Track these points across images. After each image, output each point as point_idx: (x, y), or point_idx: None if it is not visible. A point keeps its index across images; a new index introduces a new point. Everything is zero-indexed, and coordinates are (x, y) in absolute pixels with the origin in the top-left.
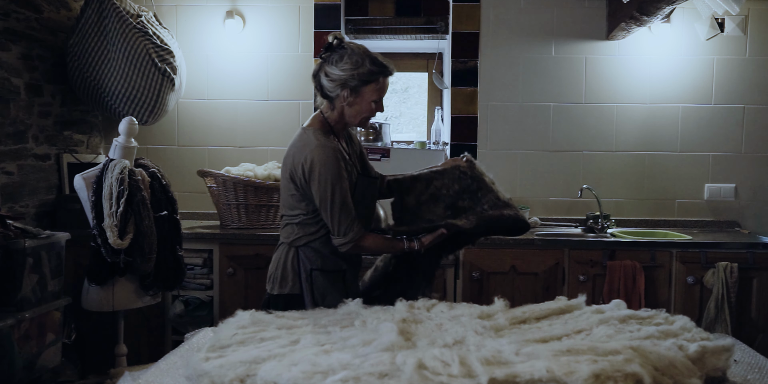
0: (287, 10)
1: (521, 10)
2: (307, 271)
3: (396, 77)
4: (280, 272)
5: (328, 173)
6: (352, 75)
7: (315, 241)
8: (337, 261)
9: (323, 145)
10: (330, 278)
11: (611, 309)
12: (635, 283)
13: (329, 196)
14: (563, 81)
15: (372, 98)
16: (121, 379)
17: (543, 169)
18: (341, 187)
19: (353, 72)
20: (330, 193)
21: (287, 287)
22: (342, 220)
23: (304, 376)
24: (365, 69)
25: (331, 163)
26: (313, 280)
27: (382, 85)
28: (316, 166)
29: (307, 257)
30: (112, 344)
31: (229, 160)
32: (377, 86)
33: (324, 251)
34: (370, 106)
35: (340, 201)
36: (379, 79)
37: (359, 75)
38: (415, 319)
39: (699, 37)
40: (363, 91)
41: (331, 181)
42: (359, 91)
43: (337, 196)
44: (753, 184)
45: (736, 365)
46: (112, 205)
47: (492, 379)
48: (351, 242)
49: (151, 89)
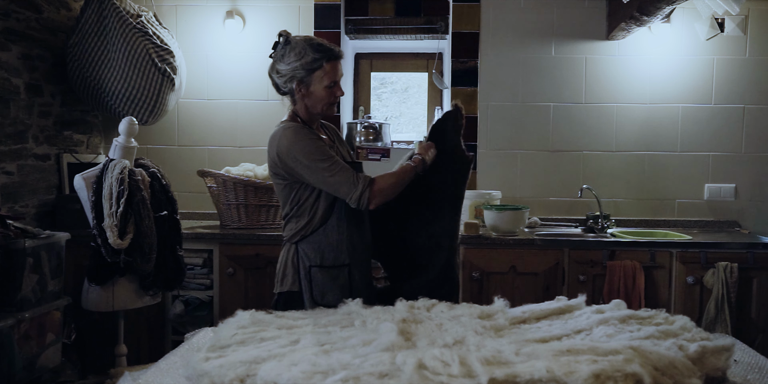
0: (287, 10)
1: (521, 10)
2: (306, 268)
3: (396, 77)
4: (282, 270)
5: (303, 145)
6: (296, 67)
7: (310, 235)
8: (338, 255)
9: (287, 126)
10: (331, 275)
11: (611, 309)
12: (635, 283)
13: (317, 165)
14: (563, 81)
15: (324, 84)
16: (121, 379)
17: (543, 169)
18: (321, 151)
19: (297, 63)
20: (315, 161)
21: (287, 285)
22: (343, 179)
23: (304, 376)
24: (308, 58)
25: (300, 136)
26: (311, 277)
27: (330, 70)
28: (288, 145)
29: (306, 254)
30: (112, 344)
31: (229, 160)
32: (324, 72)
33: (323, 244)
34: (325, 93)
35: (328, 164)
36: (324, 65)
37: (303, 65)
38: (415, 319)
39: (699, 37)
40: (312, 80)
41: (309, 150)
42: (308, 80)
43: (324, 161)
44: (753, 184)
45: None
46: (112, 205)
47: (492, 379)
48: (365, 190)
49: (151, 89)
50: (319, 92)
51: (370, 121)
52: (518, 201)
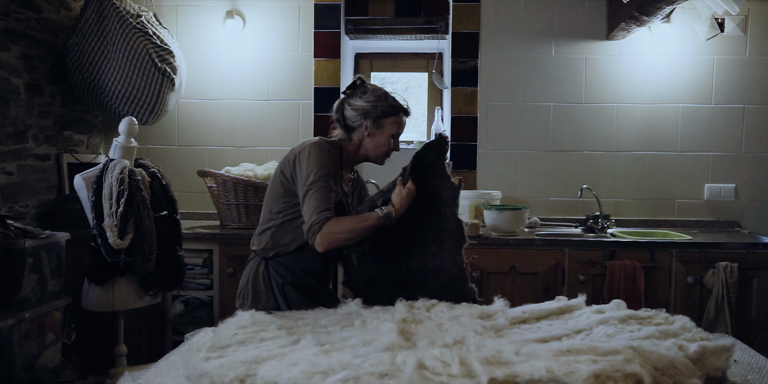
0: (287, 10)
1: (521, 10)
2: (279, 285)
3: (396, 77)
4: (251, 287)
5: (316, 160)
6: (375, 106)
7: (285, 255)
8: (307, 278)
9: (321, 143)
10: (303, 292)
11: (611, 309)
12: (635, 283)
13: (308, 179)
14: (563, 81)
15: (391, 131)
16: (121, 379)
17: (543, 169)
18: (324, 174)
19: (377, 104)
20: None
21: (261, 302)
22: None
23: (304, 376)
24: (388, 103)
25: (321, 153)
26: (286, 293)
27: (401, 121)
28: (306, 153)
29: (278, 272)
30: (112, 344)
31: (229, 160)
32: (397, 120)
33: (295, 268)
34: (388, 140)
35: (318, 185)
36: (399, 114)
37: (382, 107)
38: (415, 319)
39: (699, 37)
40: (384, 123)
41: (314, 166)
42: (381, 122)
43: (317, 181)
44: (753, 184)
45: (736, 365)
46: (112, 205)
47: (492, 379)
48: (314, 225)
49: (151, 89)
50: (384, 137)
51: None
52: (518, 201)
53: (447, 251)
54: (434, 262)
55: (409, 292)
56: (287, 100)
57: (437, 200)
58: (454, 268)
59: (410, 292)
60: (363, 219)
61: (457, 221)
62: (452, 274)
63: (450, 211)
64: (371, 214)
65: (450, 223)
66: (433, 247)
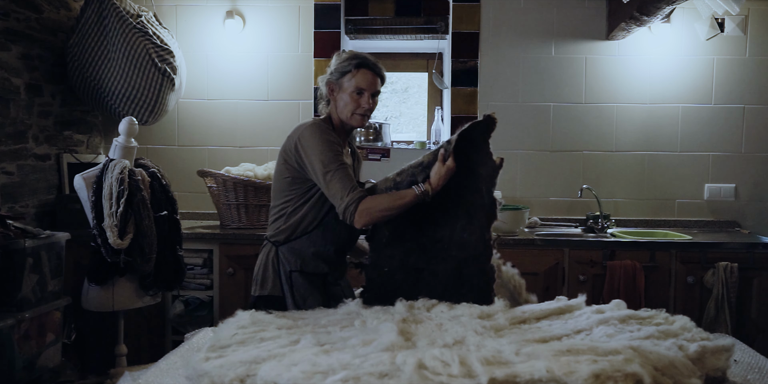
0: (287, 10)
1: (521, 10)
2: (287, 272)
3: (396, 77)
4: (261, 273)
5: (320, 143)
6: (332, 70)
7: (294, 240)
8: (318, 264)
9: (315, 121)
10: (310, 280)
11: (611, 309)
12: (635, 283)
13: (323, 167)
14: (563, 81)
15: (350, 88)
16: (121, 379)
17: (543, 169)
18: (334, 153)
19: (334, 67)
20: (323, 162)
21: (268, 288)
22: (338, 187)
23: (304, 376)
24: (344, 63)
25: (322, 134)
26: (293, 281)
27: (358, 76)
28: (308, 137)
29: (287, 258)
30: (112, 344)
31: (229, 160)
32: (352, 76)
33: (305, 252)
34: (350, 98)
35: (335, 166)
36: (352, 70)
37: (337, 68)
38: (415, 319)
39: (699, 37)
40: (343, 82)
41: (322, 149)
42: (340, 82)
43: (331, 163)
44: (753, 184)
45: (736, 365)
46: (112, 205)
47: (492, 379)
48: (350, 205)
49: (151, 89)
50: (344, 97)
51: (370, 121)
52: (518, 201)
53: (476, 226)
54: (461, 234)
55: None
56: (287, 100)
57: (475, 176)
58: (482, 243)
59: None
60: (400, 197)
61: (492, 199)
62: (478, 249)
63: (486, 189)
64: (408, 192)
65: (484, 200)
66: (463, 220)
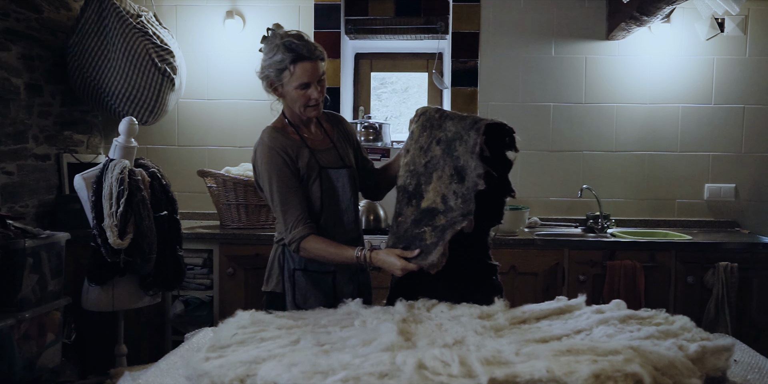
0: (287, 10)
1: (521, 10)
2: (290, 270)
3: (396, 77)
4: (269, 269)
5: (269, 170)
6: (265, 66)
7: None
8: (323, 262)
9: (264, 143)
10: (314, 279)
11: (611, 309)
12: (635, 283)
13: (270, 193)
14: (563, 81)
15: (294, 84)
16: (121, 379)
17: (543, 169)
18: (280, 183)
19: (267, 62)
20: (269, 190)
21: (271, 285)
22: (286, 218)
23: (304, 376)
24: (277, 57)
25: (270, 159)
26: (295, 279)
27: (298, 72)
28: (258, 164)
29: (291, 256)
30: (112, 344)
31: (229, 160)
32: (291, 73)
33: None
34: (296, 94)
35: (280, 199)
36: (289, 67)
37: (272, 64)
38: (415, 319)
39: (699, 37)
40: (282, 79)
41: (268, 178)
42: (280, 79)
43: (276, 194)
44: (753, 184)
45: (736, 365)
46: (112, 205)
47: (492, 379)
48: (296, 241)
49: (151, 89)
50: (290, 93)
51: (370, 121)
52: (518, 201)
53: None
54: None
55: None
56: None
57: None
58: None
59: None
60: (339, 253)
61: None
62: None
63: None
64: (349, 252)
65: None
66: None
